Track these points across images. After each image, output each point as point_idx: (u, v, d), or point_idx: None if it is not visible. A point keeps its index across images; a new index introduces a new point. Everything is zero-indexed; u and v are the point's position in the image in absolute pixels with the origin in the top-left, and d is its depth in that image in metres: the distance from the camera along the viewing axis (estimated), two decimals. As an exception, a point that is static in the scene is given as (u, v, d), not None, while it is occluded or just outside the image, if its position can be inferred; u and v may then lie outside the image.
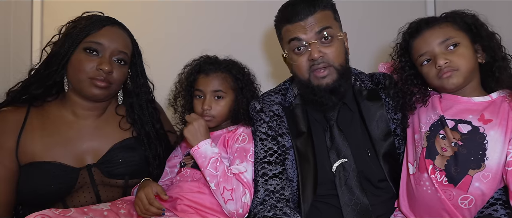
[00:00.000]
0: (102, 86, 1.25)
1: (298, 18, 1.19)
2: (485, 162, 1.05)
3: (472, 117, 1.10)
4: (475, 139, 1.07)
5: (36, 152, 1.23)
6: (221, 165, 1.21)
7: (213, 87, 1.33)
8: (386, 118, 1.25)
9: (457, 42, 1.11)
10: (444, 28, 1.13)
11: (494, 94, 1.12)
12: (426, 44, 1.14)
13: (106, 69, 1.23)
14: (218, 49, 1.44)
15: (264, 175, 1.24)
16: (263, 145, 1.28)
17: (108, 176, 1.28)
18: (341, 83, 1.22)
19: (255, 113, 1.33)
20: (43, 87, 1.27)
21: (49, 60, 1.26)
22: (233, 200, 1.19)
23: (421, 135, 1.16)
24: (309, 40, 1.19)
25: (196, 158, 1.24)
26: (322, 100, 1.23)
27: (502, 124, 1.07)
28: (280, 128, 1.29)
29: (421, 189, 1.12)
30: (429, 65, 1.14)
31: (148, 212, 1.17)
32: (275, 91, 1.37)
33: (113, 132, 1.34)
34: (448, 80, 1.10)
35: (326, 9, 1.22)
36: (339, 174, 1.20)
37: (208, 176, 1.20)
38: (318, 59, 1.19)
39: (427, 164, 1.11)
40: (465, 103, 1.13)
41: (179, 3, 1.92)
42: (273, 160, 1.25)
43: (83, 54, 1.24)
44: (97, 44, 1.25)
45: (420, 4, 1.93)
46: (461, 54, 1.10)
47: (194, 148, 1.24)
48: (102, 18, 1.30)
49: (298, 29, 1.20)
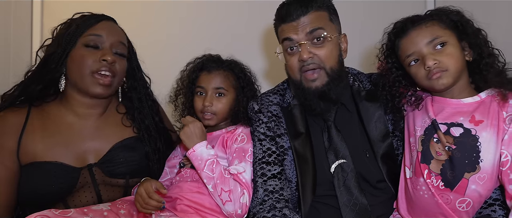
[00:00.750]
0: (106, 83, 1.26)
1: (291, 18, 1.20)
2: (480, 164, 1.05)
3: (463, 118, 1.09)
4: (468, 142, 1.06)
5: (37, 152, 1.24)
6: (217, 167, 1.21)
7: (215, 84, 1.33)
8: (384, 119, 1.25)
9: (444, 41, 1.09)
10: (430, 27, 1.11)
11: (483, 94, 1.11)
12: (413, 45, 1.11)
13: (109, 59, 1.25)
14: (218, 49, 1.44)
15: (263, 175, 1.24)
16: (262, 145, 1.28)
17: (109, 175, 1.28)
18: (331, 87, 1.21)
19: (254, 113, 1.32)
20: (42, 83, 1.28)
21: (46, 59, 1.27)
22: (231, 201, 1.19)
23: (416, 138, 1.15)
24: (300, 40, 1.19)
25: (192, 160, 1.24)
26: (310, 104, 1.23)
27: (493, 124, 1.06)
28: (278, 128, 1.28)
29: (418, 193, 1.12)
30: (417, 65, 1.12)
31: (148, 206, 1.17)
32: (273, 91, 1.37)
33: (114, 131, 1.35)
34: (437, 81, 1.09)
35: (320, 10, 1.21)
36: (338, 175, 1.20)
37: (205, 178, 1.20)
38: (307, 60, 1.19)
39: (422, 169, 1.11)
40: (455, 106, 1.12)
41: (179, 3, 1.92)
42: (271, 160, 1.25)
43: (84, 49, 1.25)
44: (97, 36, 1.26)
45: (420, 4, 1.93)
46: (449, 54, 1.08)
47: (190, 150, 1.24)
48: (97, 15, 1.31)
49: (290, 29, 1.20)
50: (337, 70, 1.22)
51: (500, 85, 1.08)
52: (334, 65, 1.22)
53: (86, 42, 1.25)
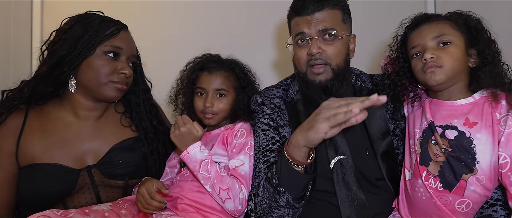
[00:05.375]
0: (123, 89, 1.28)
1: (306, 12, 1.22)
2: (477, 166, 1.05)
3: (456, 121, 1.10)
4: (462, 144, 1.07)
5: (36, 153, 1.24)
6: (212, 166, 1.21)
7: (216, 85, 1.33)
8: (385, 117, 1.26)
9: (449, 41, 1.10)
10: (441, 25, 1.13)
11: (477, 95, 1.11)
12: (420, 37, 1.14)
13: (127, 73, 1.27)
14: (218, 49, 1.44)
15: (266, 161, 1.24)
16: (265, 134, 1.29)
17: (108, 176, 1.28)
18: (334, 83, 1.23)
19: (257, 106, 1.34)
20: (52, 85, 1.27)
21: (59, 61, 1.24)
22: (230, 199, 1.19)
23: (414, 140, 1.15)
24: (312, 35, 1.21)
25: (187, 163, 1.23)
26: (313, 96, 1.25)
27: (487, 126, 1.06)
28: (280, 119, 1.30)
29: (416, 195, 1.12)
30: (418, 58, 1.14)
31: (150, 206, 1.18)
32: (276, 86, 1.39)
33: (113, 132, 1.34)
34: (431, 76, 1.10)
35: (335, 8, 1.23)
36: (337, 170, 1.21)
37: (202, 180, 1.20)
38: (316, 55, 1.21)
39: (420, 171, 1.11)
40: (449, 108, 1.12)
41: (179, 3, 1.93)
42: (275, 148, 1.26)
43: (105, 57, 1.25)
44: (119, 48, 1.27)
45: (420, 4, 1.94)
46: (449, 53, 1.09)
47: (183, 153, 1.23)
48: (115, 22, 1.31)
49: (304, 22, 1.22)
50: (343, 68, 1.24)
51: (493, 86, 1.08)
52: (341, 63, 1.23)
53: (106, 51, 1.25)
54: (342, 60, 1.24)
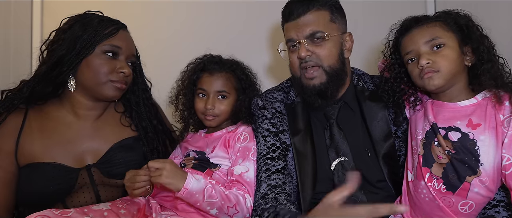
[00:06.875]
0: (123, 88, 1.28)
1: (292, 17, 1.23)
2: (480, 167, 1.04)
3: (460, 123, 1.09)
4: (466, 146, 1.06)
5: (35, 153, 1.23)
6: (216, 190, 1.16)
7: (217, 87, 1.33)
8: (387, 119, 1.25)
9: (442, 43, 1.09)
10: (432, 28, 1.12)
11: (479, 96, 1.10)
12: (412, 43, 1.13)
13: (126, 72, 1.27)
14: (218, 49, 1.44)
15: (267, 170, 1.24)
16: (266, 141, 1.28)
17: (107, 176, 1.28)
18: (329, 86, 1.23)
19: (258, 109, 1.34)
20: (52, 85, 1.27)
21: (58, 61, 1.24)
22: (239, 212, 1.19)
23: (417, 142, 1.15)
24: (299, 39, 1.22)
25: (188, 199, 1.14)
26: (309, 100, 1.25)
27: (491, 127, 1.06)
28: (281, 125, 1.30)
29: (419, 196, 1.12)
30: (414, 64, 1.13)
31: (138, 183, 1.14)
32: (277, 89, 1.39)
33: (113, 131, 1.34)
34: (429, 81, 1.09)
35: (322, 9, 1.22)
36: (338, 172, 1.20)
37: (207, 206, 1.15)
38: (305, 58, 1.21)
39: (423, 172, 1.10)
40: (451, 109, 1.11)
41: (179, 4, 1.93)
42: (276, 155, 1.26)
43: (104, 56, 1.25)
44: (118, 48, 1.27)
45: (420, 4, 1.93)
46: (444, 56, 1.08)
47: (181, 191, 1.11)
48: (114, 21, 1.31)
49: (292, 28, 1.23)
50: (337, 68, 1.23)
51: (495, 87, 1.07)
52: (334, 64, 1.23)
53: (105, 50, 1.25)
54: (335, 60, 1.23)
